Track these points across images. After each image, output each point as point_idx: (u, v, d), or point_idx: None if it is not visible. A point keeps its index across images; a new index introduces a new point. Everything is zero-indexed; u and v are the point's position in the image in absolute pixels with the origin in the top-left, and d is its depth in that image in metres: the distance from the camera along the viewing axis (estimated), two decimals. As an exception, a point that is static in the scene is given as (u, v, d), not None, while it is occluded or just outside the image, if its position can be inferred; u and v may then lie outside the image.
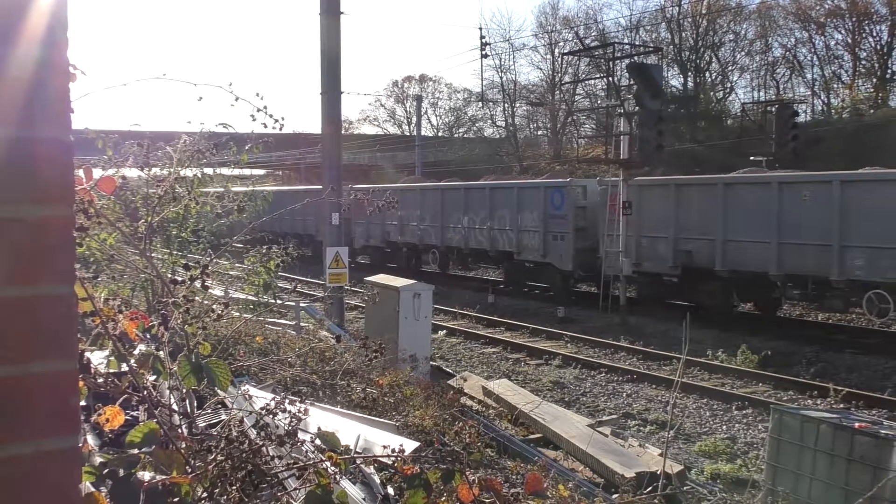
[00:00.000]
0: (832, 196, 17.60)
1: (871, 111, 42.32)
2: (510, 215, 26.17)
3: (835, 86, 47.97)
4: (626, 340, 17.96)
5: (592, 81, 48.38)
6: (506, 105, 64.32)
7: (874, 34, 45.41)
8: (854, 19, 45.29)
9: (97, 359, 2.21)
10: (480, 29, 49.91)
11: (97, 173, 2.34)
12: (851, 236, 17.24)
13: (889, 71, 45.02)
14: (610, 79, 23.55)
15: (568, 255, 24.09)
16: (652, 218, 21.13)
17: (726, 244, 19.70)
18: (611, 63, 23.75)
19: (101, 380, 2.00)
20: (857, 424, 7.57)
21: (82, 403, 1.91)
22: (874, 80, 45.28)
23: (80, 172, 2.16)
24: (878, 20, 44.71)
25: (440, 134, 69.93)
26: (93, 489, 1.76)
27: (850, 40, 46.56)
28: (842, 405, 12.63)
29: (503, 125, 65.80)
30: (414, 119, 62.98)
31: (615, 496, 7.85)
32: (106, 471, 1.88)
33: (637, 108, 20.94)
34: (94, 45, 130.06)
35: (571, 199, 24.06)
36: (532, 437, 10.82)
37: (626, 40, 44.88)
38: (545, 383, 14.94)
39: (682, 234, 20.74)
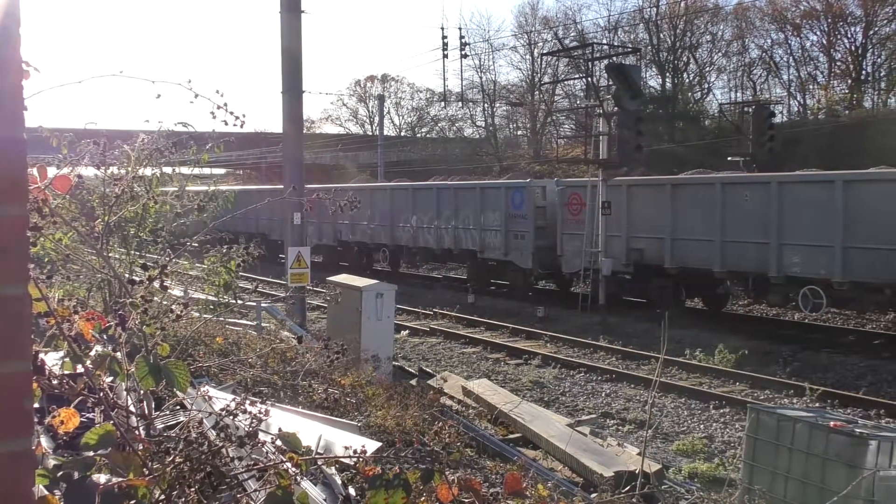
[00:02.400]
0: (770, 197, 18.48)
1: (847, 112, 42.74)
2: (473, 214, 26.85)
3: (810, 87, 48.45)
4: (605, 340, 18.04)
5: (571, 82, 48.69)
6: (485, 105, 64.44)
7: (849, 36, 45.94)
8: (829, 21, 45.73)
9: (52, 360, 2.17)
10: (460, 29, 49.71)
11: (52, 172, 2.31)
12: (788, 235, 18.14)
13: (864, 72, 45.49)
14: (589, 79, 23.66)
15: (528, 254, 24.90)
16: (607, 217, 21.57)
17: (674, 242, 20.52)
18: (590, 63, 23.86)
19: (55, 381, 1.97)
20: (832, 423, 7.62)
21: (36, 405, 1.88)
22: (849, 81, 45.74)
23: (34, 171, 2.13)
24: (852, 22, 45.19)
25: (403, 133, 69.78)
26: (46, 492, 1.73)
27: (825, 42, 47.05)
28: (818, 404, 12.75)
29: (483, 125, 65.91)
30: (376, 119, 62.79)
31: (594, 495, 7.87)
32: (60, 473, 1.85)
33: (616, 108, 21.05)
34: (48, 42, 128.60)
35: (531, 199, 24.96)
36: (512, 436, 10.84)
37: (604, 41, 45.04)
38: (525, 383, 14.97)
39: (633, 233, 21.59)
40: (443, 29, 47.50)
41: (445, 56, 42.33)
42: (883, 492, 6.96)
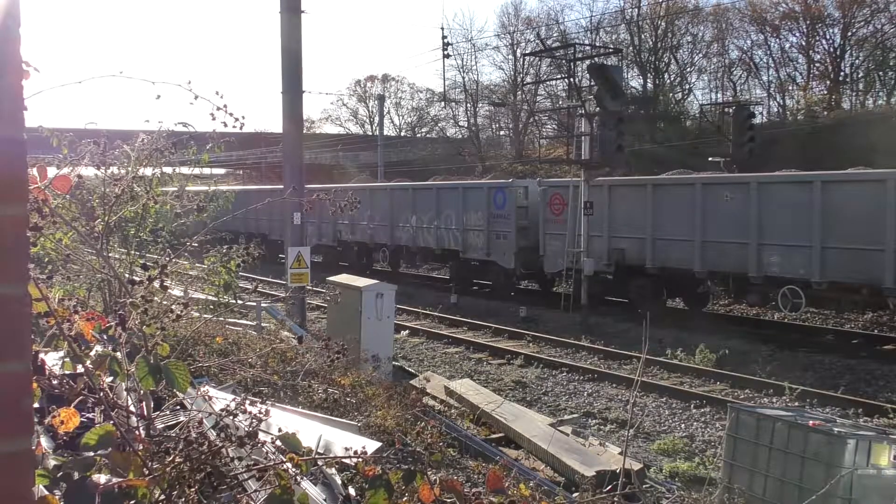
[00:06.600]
0: (750, 197, 18.61)
1: (825, 113, 43.08)
2: (456, 215, 26.89)
3: (790, 88, 48.79)
4: (587, 340, 18.10)
5: (554, 82, 48.59)
6: (468, 105, 64.38)
7: (827, 37, 46.26)
8: (808, 22, 46.07)
9: (52, 360, 2.17)
10: (442, 29, 49.72)
11: (52, 172, 2.30)
12: (767, 235, 18.26)
13: (842, 73, 45.88)
14: (571, 80, 23.66)
15: (510, 254, 24.97)
16: (589, 217, 21.59)
17: (655, 243, 20.65)
18: (572, 64, 23.88)
19: (55, 381, 1.96)
20: (811, 422, 7.71)
21: (36, 405, 1.88)
22: (828, 82, 46.08)
23: (34, 171, 2.12)
24: (831, 23, 45.55)
25: (403, 134, 69.71)
26: (46, 493, 1.73)
27: (804, 43, 47.41)
28: (797, 403, 12.87)
29: (465, 125, 65.88)
30: (376, 119, 62.68)
31: (576, 495, 7.91)
32: (60, 474, 1.85)
33: (598, 108, 21.10)
34: (49, 42, 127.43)
35: (513, 199, 25.02)
36: (494, 436, 10.85)
37: (586, 41, 45.14)
38: (507, 383, 14.99)
39: (615, 233, 21.69)
40: (443, 29, 47.42)
41: (447, 56, 42.25)
42: (860, 490, 7.05)
